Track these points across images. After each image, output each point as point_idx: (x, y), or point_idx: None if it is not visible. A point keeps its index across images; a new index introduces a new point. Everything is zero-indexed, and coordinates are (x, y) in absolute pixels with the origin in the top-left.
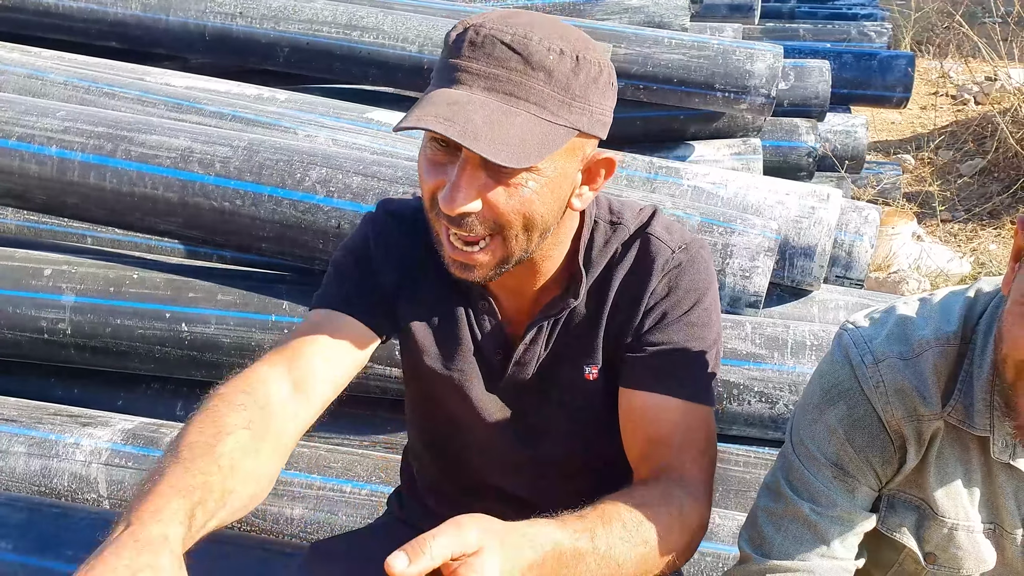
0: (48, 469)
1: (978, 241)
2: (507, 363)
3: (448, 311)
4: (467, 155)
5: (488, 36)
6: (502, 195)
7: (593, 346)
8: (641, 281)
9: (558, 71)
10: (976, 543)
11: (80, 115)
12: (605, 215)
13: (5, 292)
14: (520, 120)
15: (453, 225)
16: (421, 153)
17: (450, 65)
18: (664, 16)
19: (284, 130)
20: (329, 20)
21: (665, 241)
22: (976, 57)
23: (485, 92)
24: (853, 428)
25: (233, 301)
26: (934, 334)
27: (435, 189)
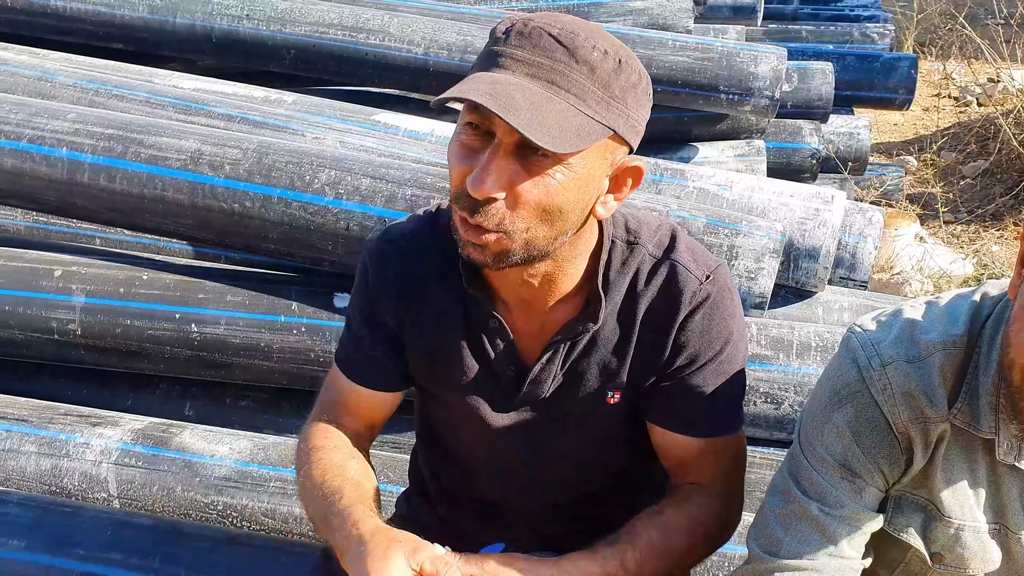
0: (58, 469)
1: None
2: (521, 382)
3: (457, 329)
4: (500, 140)
5: (536, 28)
6: (528, 185)
7: (619, 372)
8: (669, 312)
9: (601, 69)
10: (982, 544)
11: (90, 117)
12: (622, 234)
13: (16, 293)
14: (559, 107)
15: (472, 213)
16: (453, 139)
17: (494, 52)
18: (668, 18)
19: (293, 132)
20: (335, 22)
21: (692, 271)
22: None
23: (528, 78)
24: (861, 430)
25: (242, 302)
26: (940, 337)
27: (464, 175)
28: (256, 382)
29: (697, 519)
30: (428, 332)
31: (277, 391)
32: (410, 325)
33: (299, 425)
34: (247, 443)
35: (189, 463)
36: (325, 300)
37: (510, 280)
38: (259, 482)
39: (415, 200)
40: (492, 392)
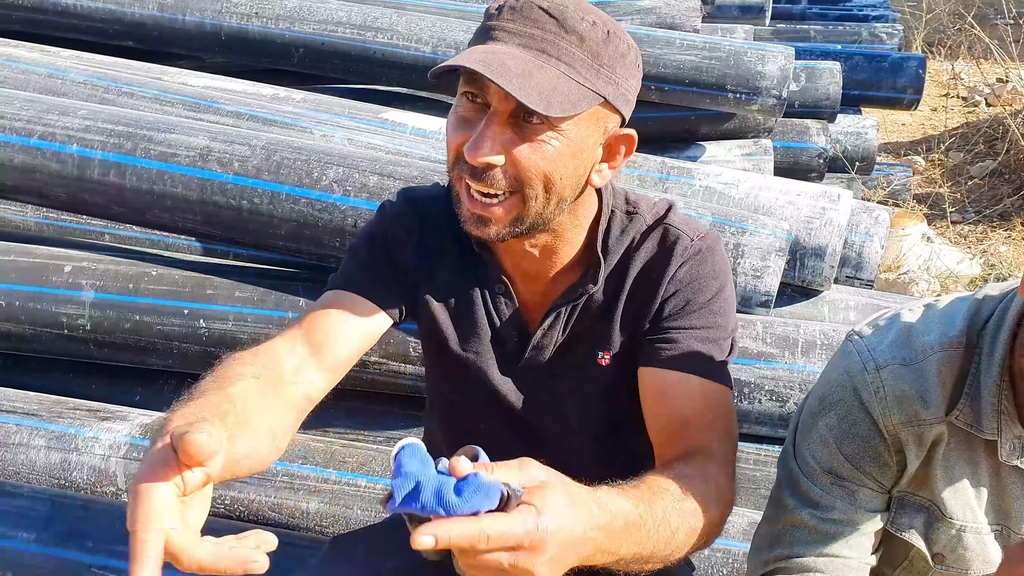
0: (67, 462)
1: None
2: (524, 347)
3: (466, 295)
4: (495, 108)
5: (527, 2)
6: (525, 150)
7: (608, 332)
8: (660, 268)
9: (590, 38)
10: (984, 545)
11: (100, 114)
12: (622, 204)
13: (26, 288)
14: (551, 74)
15: (475, 179)
16: (451, 113)
17: (487, 27)
18: (676, 17)
19: (301, 130)
20: (344, 21)
21: (684, 230)
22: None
23: (520, 48)
24: (843, 437)
25: (250, 298)
26: (938, 339)
27: (461, 144)
28: None
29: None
30: (439, 291)
31: None
32: (425, 284)
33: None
34: None
35: None
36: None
37: (513, 251)
38: (266, 476)
39: None
40: (497, 355)
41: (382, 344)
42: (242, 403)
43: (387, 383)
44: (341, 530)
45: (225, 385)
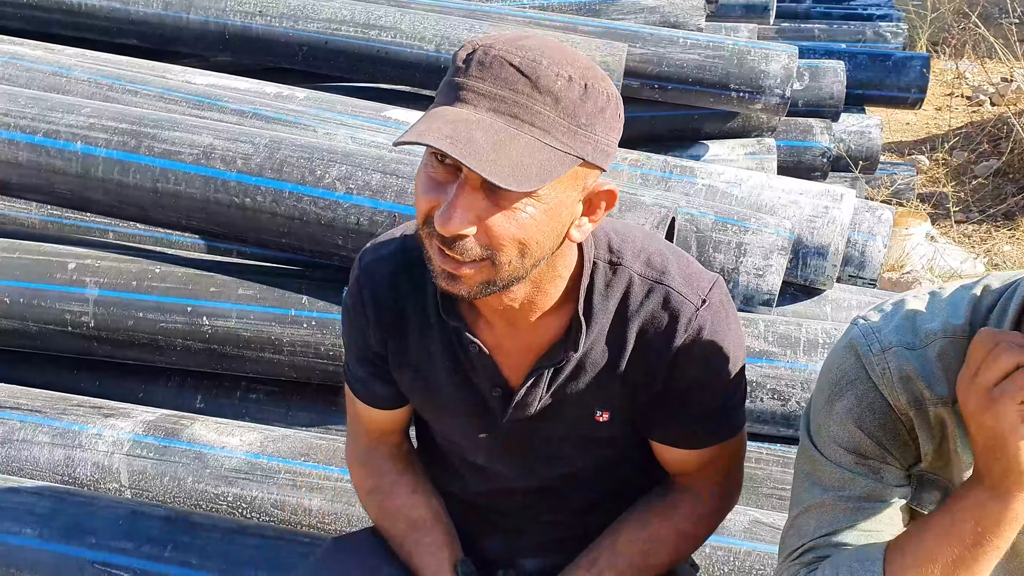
0: (71, 459)
1: (992, 242)
2: (507, 403)
3: (439, 353)
4: (467, 175)
5: (497, 57)
6: (499, 219)
7: (607, 391)
8: (664, 340)
9: (565, 97)
10: None
11: (104, 112)
12: (604, 255)
13: (30, 285)
14: (524, 143)
15: (446, 246)
16: (420, 168)
17: (456, 84)
18: (679, 16)
19: (304, 128)
20: (347, 19)
21: (687, 296)
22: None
23: (490, 113)
24: (863, 416)
25: (253, 295)
26: (942, 327)
27: (431, 208)
28: (266, 375)
29: (682, 530)
30: (413, 354)
31: (287, 384)
32: (395, 349)
33: (309, 417)
34: (257, 435)
35: (200, 454)
36: (335, 294)
37: (490, 304)
38: (269, 474)
39: None
40: (480, 411)
41: None
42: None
43: None
44: (344, 527)
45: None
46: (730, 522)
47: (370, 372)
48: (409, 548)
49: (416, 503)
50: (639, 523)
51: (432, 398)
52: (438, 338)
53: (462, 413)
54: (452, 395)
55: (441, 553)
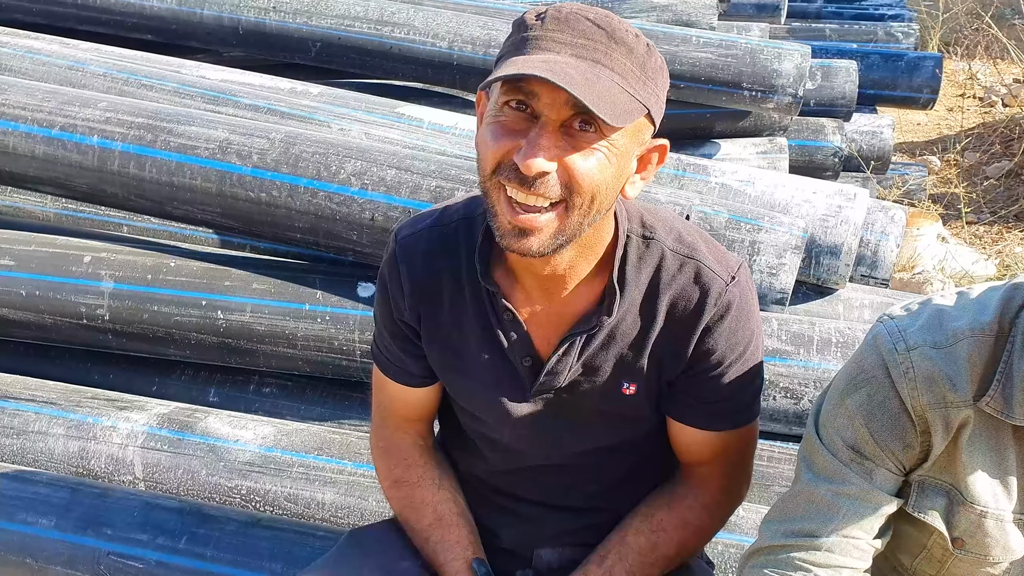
0: (86, 451)
1: (1003, 243)
2: (537, 373)
3: (472, 322)
4: (548, 117)
5: (572, 13)
6: (578, 158)
7: (636, 363)
8: (693, 313)
9: (636, 50)
10: (1005, 532)
11: (121, 106)
12: (637, 229)
13: (46, 278)
14: (608, 83)
15: (523, 187)
16: (488, 123)
17: (531, 37)
18: (692, 15)
19: (318, 124)
20: (360, 16)
21: (717, 272)
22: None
23: (574, 58)
24: (872, 414)
25: (268, 290)
26: (969, 325)
27: (505, 154)
28: (280, 369)
29: (688, 520)
30: (445, 327)
31: (301, 378)
32: (428, 322)
33: (322, 412)
34: (271, 429)
35: (213, 447)
36: (349, 289)
37: (534, 269)
38: (282, 467)
39: (440, 191)
40: (509, 382)
41: None
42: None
43: None
44: (357, 521)
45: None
46: (742, 519)
47: (402, 348)
48: (434, 543)
49: (443, 498)
50: (645, 515)
51: (462, 371)
52: (471, 309)
53: (491, 384)
54: (482, 366)
55: (466, 552)
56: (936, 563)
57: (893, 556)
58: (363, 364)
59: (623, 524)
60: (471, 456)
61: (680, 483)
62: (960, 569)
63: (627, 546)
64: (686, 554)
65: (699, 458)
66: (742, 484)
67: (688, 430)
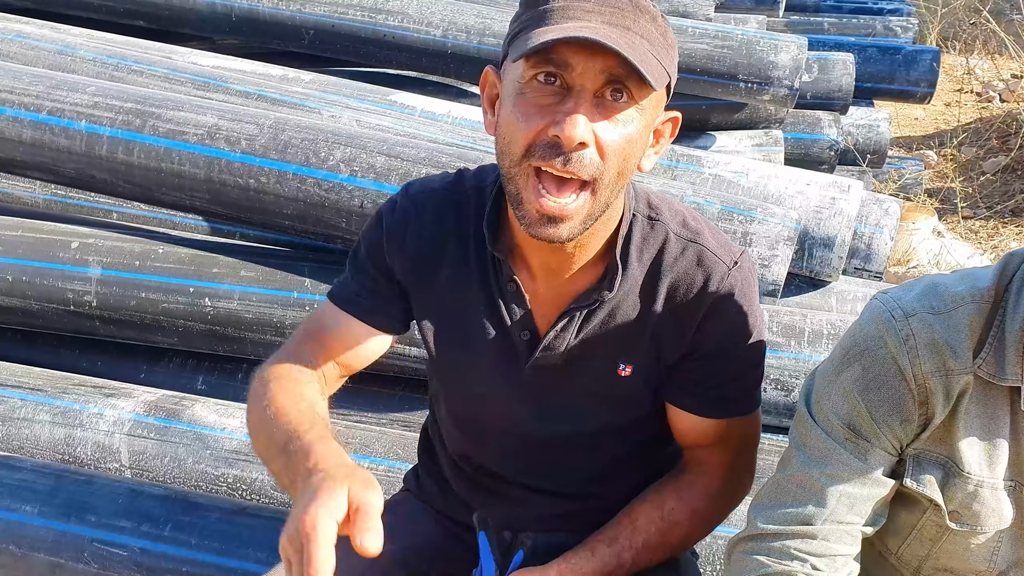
0: (72, 438)
1: (999, 239)
2: (534, 346)
3: (472, 291)
4: (583, 86)
5: None
6: (610, 129)
7: (633, 345)
8: (696, 297)
9: (658, 19)
10: (999, 500)
11: (109, 91)
12: (643, 209)
13: (33, 263)
14: (642, 48)
15: (563, 164)
16: (512, 103)
17: (556, 8)
18: (688, 5)
19: (309, 111)
20: (354, 3)
21: (720, 256)
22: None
23: (605, 24)
24: (868, 388)
25: (256, 277)
26: (968, 290)
27: (538, 133)
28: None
29: (697, 510)
30: (441, 292)
31: None
32: (422, 285)
33: None
34: None
35: (200, 435)
36: (339, 276)
37: (544, 244)
38: None
39: None
40: (504, 355)
41: None
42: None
43: (391, 365)
44: None
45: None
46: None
47: (383, 285)
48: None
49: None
50: (655, 503)
51: (458, 340)
52: (475, 277)
53: (486, 355)
54: (480, 336)
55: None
56: (927, 543)
57: (880, 541)
58: None
59: (633, 509)
60: (459, 436)
61: (686, 472)
62: (951, 545)
63: (638, 532)
64: (690, 544)
65: (699, 443)
66: (744, 476)
67: (688, 417)
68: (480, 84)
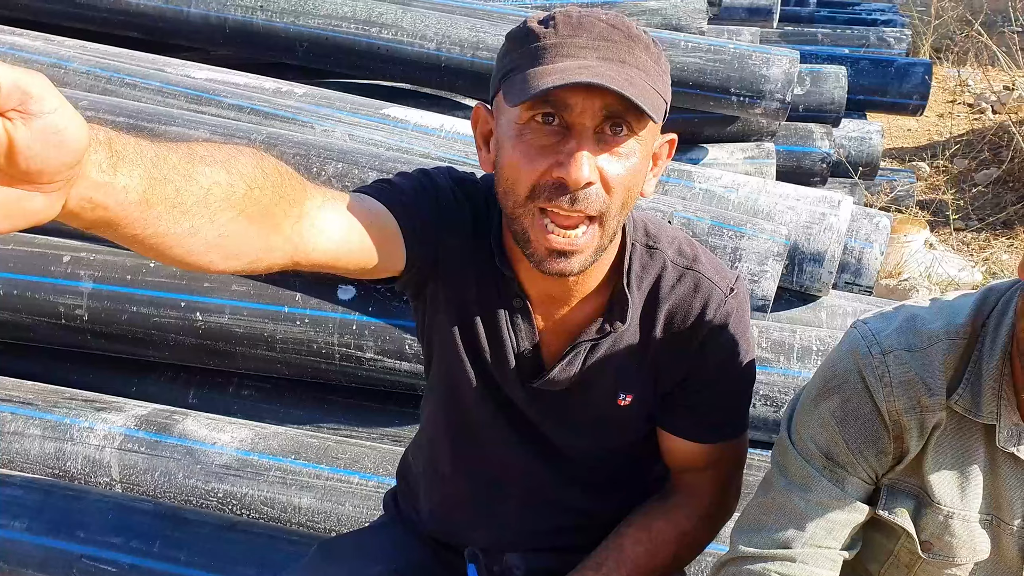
0: (62, 452)
1: (991, 251)
2: (539, 369)
3: (486, 309)
4: (585, 125)
5: (585, 16)
6: (614, 164)
7: (633, 373)
8: (693, 324)
9: (652, 47)
10: (971, 532)
11: (102, 105)
12: (642, 238)
13: (25, 277)
14: (639, 82)
15: (570, 204)
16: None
17: (550, 45)
18: (681, 19)
19: (302, 124)
20: (348, 16)
21: (716, 283)
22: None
23: (600, 61)
24: (845, 420)
25: (247, 292)
26: (944, 327)
27: (541, 175)
28: (259, 372)
29: (686, 531)
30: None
31: (279, 381)
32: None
33: (300, 415)
34: (248, 432)
35: (191, 450)
36: (329, 292)
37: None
38: (259, 471)
39: None
40: (508, 376)
41: (377, 340)
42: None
43: (382, 380)
44: (332, 526)
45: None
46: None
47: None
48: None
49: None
50: (643, 525)
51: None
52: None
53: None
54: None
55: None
56: (903, 568)
57: (860, 565)
58: (342, 367)
59: (619, 532)
60: (455, 453)
61: (674, 493)
62: (927, 574)
63: (625, 555)
64: (679, 565)
65: (690, 466)
66: (731, 496)
67: (680, 442)
68: (472, 121)
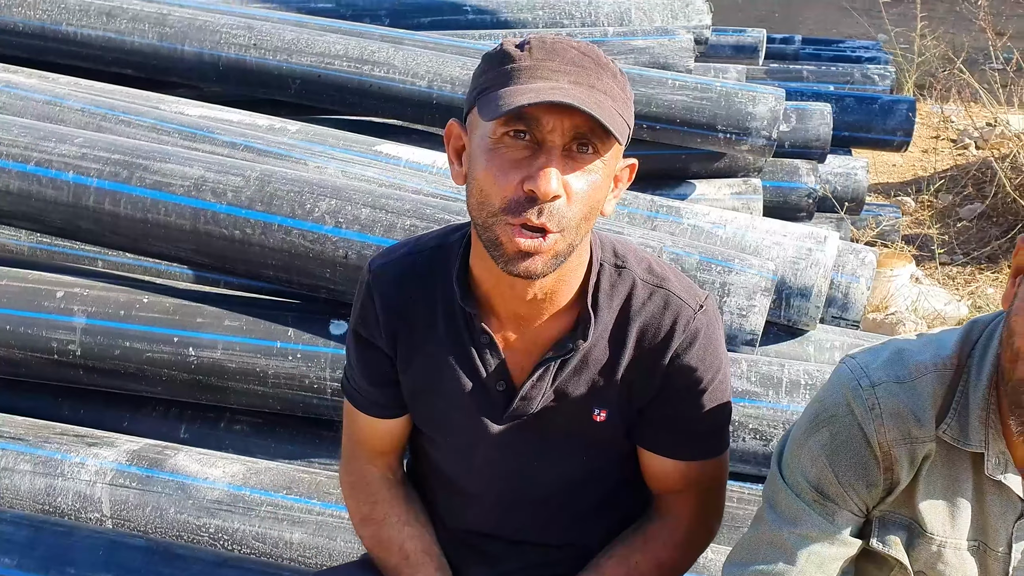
0: (53, 488)
1: (976, 285)
2: (511, 398)
3: (446, 346)
4: (554, 143)
5: (558, 43)
6: (579, 182)
7: (606, 390)
8: (663, 340)
9: (618, 76)
10: (962, 560)
11: (97, 142)
12: (610, 257)
13: (18, 312)
14: (608, 107)
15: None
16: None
17: (524, 67)
18: (669, 57)
19: (295, 161)
20: (341, 54)
21: (686, 301)
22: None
23: (572, 84)
24: (835, 453)
25: (240, 327)
26: (931, 359)
27: (514, 188)
28: (251, 407)
29: (663, 560)
30: (413, 355)
31: (271, 416)
32: (403, 344)
33: (292, 450)
34: (240, 467)
35: (182, 485)
36: (322, 327)
37: (516, 294)
38: (251, 506)
39: (414, 230)
40: (481, 407)
41: None
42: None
43: None
44: (324, 561)
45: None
46: (710, 561)
47: (372, 379)
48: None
49: (409, 535)
50: (622, 557)
51: (435, 398)
52: (444, 334)
53: (462, 410)
54: (455, 391)
55: None
56: None
57: None
58: (334, 402)
59: (599, 564)
60: (439, 490)
61: (652, 520)
62: None
63: None
64: None
65: (669, 489)
66: (712, 519)
67: (658, 459)
68: (445, 136)
